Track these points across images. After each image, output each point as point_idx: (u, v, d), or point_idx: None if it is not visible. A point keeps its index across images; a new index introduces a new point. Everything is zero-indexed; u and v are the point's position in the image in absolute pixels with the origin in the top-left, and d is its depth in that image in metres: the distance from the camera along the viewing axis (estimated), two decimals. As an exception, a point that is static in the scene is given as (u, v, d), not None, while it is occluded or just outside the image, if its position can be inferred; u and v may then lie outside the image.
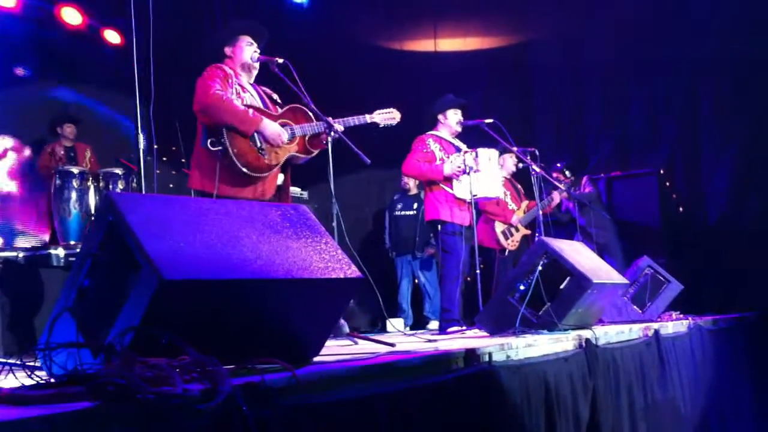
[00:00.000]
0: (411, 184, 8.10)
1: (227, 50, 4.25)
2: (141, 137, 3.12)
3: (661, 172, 9.09)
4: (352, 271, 2.42)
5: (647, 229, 8.13)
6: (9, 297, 5.18)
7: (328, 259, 2.40)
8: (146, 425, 1.59)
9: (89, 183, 5.87)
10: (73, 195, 5.78)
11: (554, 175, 6.01)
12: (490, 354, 2.94)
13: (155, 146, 7.69)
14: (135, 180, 6.38)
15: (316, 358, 2.47)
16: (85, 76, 7.00)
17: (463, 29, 9.89)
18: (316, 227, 2.53)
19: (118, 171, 5.87)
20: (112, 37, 7.02)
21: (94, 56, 7.00)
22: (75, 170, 5.99)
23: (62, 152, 6.52)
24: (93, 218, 5.39)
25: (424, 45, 9.95)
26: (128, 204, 2.08)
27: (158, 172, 7.34)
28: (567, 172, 6.81)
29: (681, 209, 8.85)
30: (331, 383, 2.14)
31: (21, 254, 5.35)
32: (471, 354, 2.85)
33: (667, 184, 9.24)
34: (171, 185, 7.36)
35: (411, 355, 2.72)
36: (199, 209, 2.25)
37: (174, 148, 7.40)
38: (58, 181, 5.92)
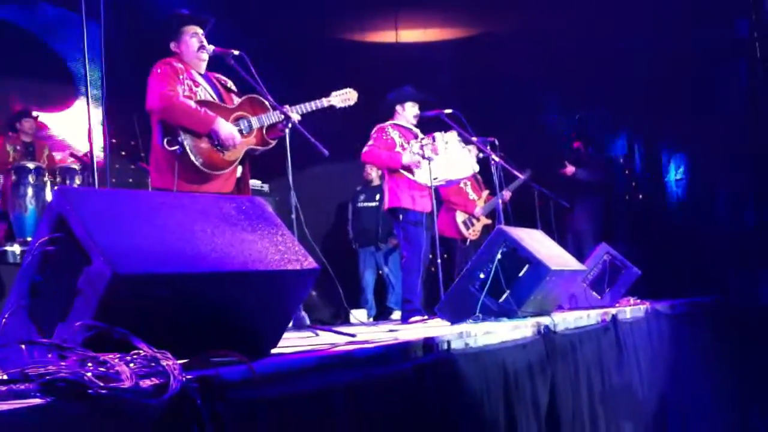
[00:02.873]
0: (374, 175, 8.11)
1: (173, 46, 4.20)
2: (93, 133, 3.09)
3: (621, 160, 9.22)
4: (309, 263, 2.41)
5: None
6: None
7: (284, 251, 2.39)
8: (98, 421, 1.58)
9: (45, 179, 5.81)
10: (29, 191, 5.72)
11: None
12: (448, 342, 2.96)
13: (113, 140, 7.62)
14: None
15: (275, 350, 2.47)
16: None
17: (425, 20, 9.90)
18: (272, 219, 2.52)
19: (75, 166, 5.81)
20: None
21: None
22: (31, 166, 5.92)
23: (19, 147, 6.42)
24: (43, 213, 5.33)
25: (386, 36, 9.95)
26: (79, 198, 2.06)
27: (117, 167, 7.29)
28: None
29: (641, 196, 8.97)
30: (288, 375, 2.14)
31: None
32: (429, 343, 2.87)
33: (626, 171, 9.36)
34: (130, 180, 7.30)
35: (369, 345, 2.73)
36: (152, 203, 2.23)
37: (133, 143, 7.32)
38: (14, 177, 5.85)
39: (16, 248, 5.43)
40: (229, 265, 2.17)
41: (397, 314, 7.20)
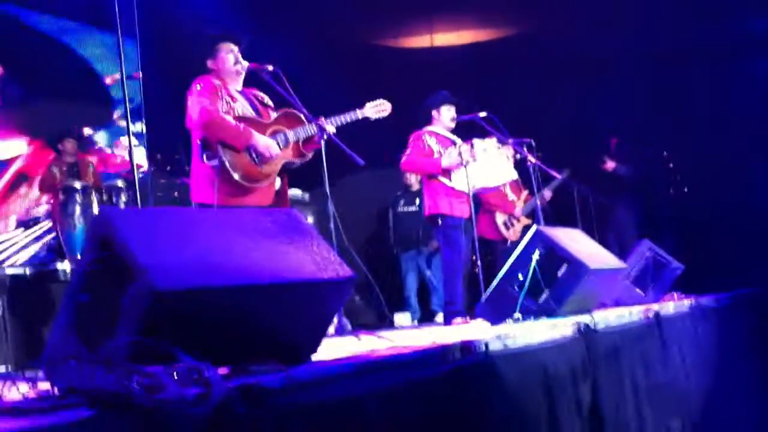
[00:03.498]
0: (413, 180, 8.16)
1: (209, 63, 4.31)
2: (135, 151, 3.19)
3: (665, 153, 9.15)
4: (345, 271, 2.47)
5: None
6: (17, 312, 5.26)
7: (320, 261, 2.45)
8: (144, 431, 1.66)
9: (92, 197, 5.96)
10: (77, 209, 5.86)
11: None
12: (486, 344, 2.99)
13: (157, 156, 7.78)
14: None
15: (314, 358, 2.54)
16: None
17: (458, 23, 9.94)
18: (307, 230, 2.59)
19: (121, 184, 5.96)
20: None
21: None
22: (78, 185, 6.08)
23: (65, 168, 6.60)
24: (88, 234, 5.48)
25: (420, 41, 10.01)
26: (120, 218, 2.15)
27: (162, 181, 7.45)
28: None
29: (685, 190, 8.90)
30: (325, 381, 2.20)
31: (28, 269, 5.44)
32: (467, 345, 2.90)
33: (669, 165, 9.29)
34: (176, 194, 7.45)
35: (406, 349, 2.78)
36: (191, 220, 2.32)
37: (177, 156, 7.49)
38: (62, 197, 6.03)
39: (67, 266, 5.59)
40: (267, 277, 2.24)
41: (440, 317, 7.23)
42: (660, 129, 8.78)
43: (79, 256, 5.56)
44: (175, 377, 1.91)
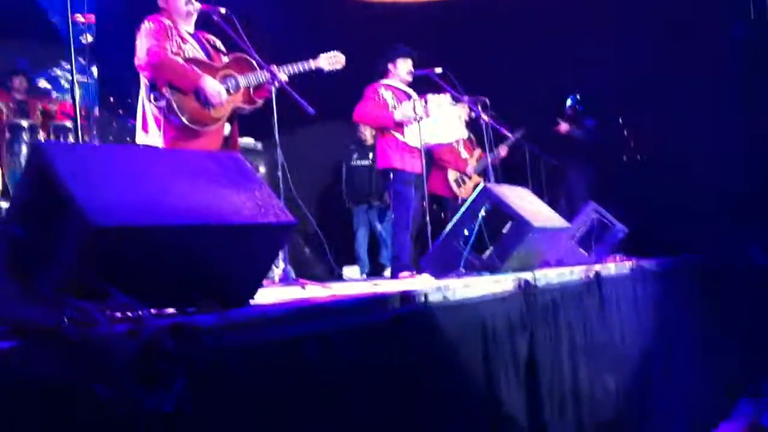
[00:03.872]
0: (367, 134, 8.14)
1: (161, 2, 4.23)
2: (76, 89, 3.13)
3: (620, 120, 9.23)
4: (285, 217, 2.48)
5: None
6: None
7: (261, 205, 2.45)
8: (70, 363, 1.66)
9: (39, 136, 5.87)
10: (24, 149, 5.78)
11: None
12: (426, 295, 3.02)
13: (110, 98, 7.62)
14: (87, 133, 6.38)
15: (252, 302, 2.55)
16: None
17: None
18: (249, 174, 2.58)
19: (69, 124, 5.86)
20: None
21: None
22: (25, 123, 6.01)
23: (12, 105, 6.46)
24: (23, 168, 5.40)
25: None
26: (58, 152, 2.12)
27: (114, 125, 7.32)
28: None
29: (639, 157, 9.01)
30: (262, 324, 2.21)
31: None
32: (407, 295, 2.94)
33: (625, 132, 9.37)
34: (128, 139, 7.33)
35: (346, 296, 2.80)
36: (131, 158, 2.29)
37: (129, 100, 7.35)
38: (8, 135, 5.94)
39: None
40: (205, 218, 2.23)
41: (389, 271, 7.29)
42: (619, 94, 8.82)
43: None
44: (107, 313, 1.91)
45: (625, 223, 6.14)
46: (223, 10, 4.13)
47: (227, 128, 4.27)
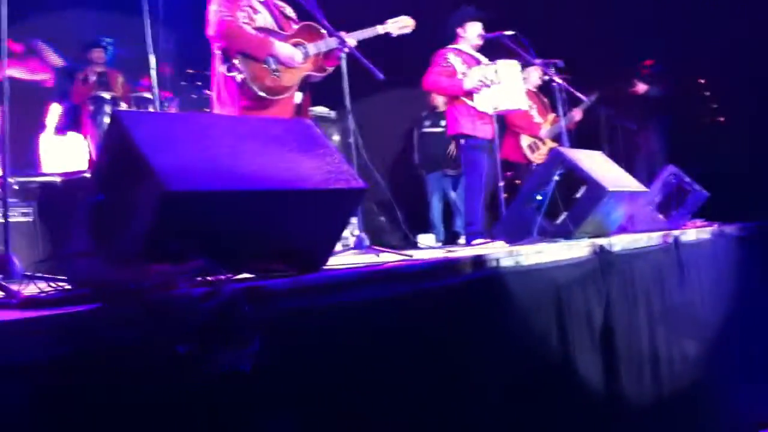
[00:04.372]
0: (439, 101, 8.06)
1: None
2: (152, 58, 3.19)
3: (701, 81, 8.91)
4: (356, 182, 2.49)
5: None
6: (48, 219, 5.38)
7: (332, 171, 2.47)
8: (150, 323, 1.72)
9: (121, 107, 6.03)
10: (106, 120, 5.94)
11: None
12: (497, 260, 3.02)
13: (188, 70, 7.74)
14: (168, 104, 6.52)
15: (326, 267, 2.58)
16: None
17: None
18: (320, 140, 2.60)
19: (149, 95, 5.98)
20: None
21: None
22: (107, 96, 6.17)
23: (94, 78, 6.62)
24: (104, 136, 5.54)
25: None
26: (133, 121, 2.18)
27: (194, 96, 7.45)
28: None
29: (722, 119, 8.72)
30: (336, 288, 2.25)
31: (58, 178, 5.54)
32: (479, 260, 2.94)
33: (705, 92, 9.06)
34: (206, 109, 7.44)
35: (418, 261, 2.81)
36: (203, 124, 2.34)
37: (207, 72, 7.45)
38: (91, 107, 6.11)
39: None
40: (277, 184, 2.26)
41: (464, 239, 7.27)
42: (700, 55, 8.53)
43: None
44: (185, 276, 1.97)
45: (707, 187, 5.96)
46: (294, -23, 4.15)
47: (298, 96, 4.30)
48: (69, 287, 2.07)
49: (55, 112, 6.43)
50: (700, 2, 8.02)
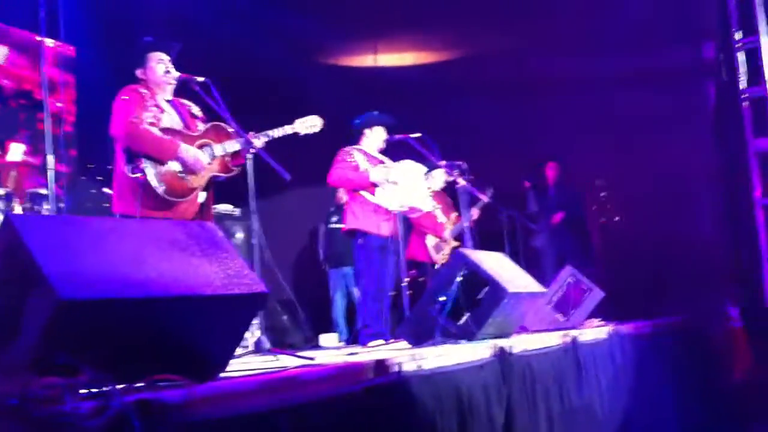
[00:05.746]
0: (345, 197, 8.15)
1: (139, 72, 4.26)
2: (50, 158, 3.13)
3: (597, 182, 9.30)
4: (257, 286, 2.48)
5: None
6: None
7: (233, 275, 2.45)
8: (33, 442, 1.63)
9: (14, 204, 5.83)
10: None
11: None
12: (400, 364, 3.01)
13: (88, 165, 7.60)
14: (63, 204, 6.34)
15: (224, 374, 2.52)
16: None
17: (404, 44, 10.02)
18: (222, 244, 2.58)
19: (44, 191, 5.82)
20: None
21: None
22: (0, 192, 5.96)
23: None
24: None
25: (364, 60, 10.05)
26: (26, 225, 2.12)
27: (93, 191, 7.28)
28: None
29: (616, 219, 9.06)
30: (231, 398, 2.18)
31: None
32: (380, 365, 2.92)
33: (602, 195, 9.45)
34: (106, 204, 7.29)
35: (318, 367, 2.78)
36: (101, 229, 2.29)
37: (109, 167, 7.33)
38: (-19, 204, 5.89)
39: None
40: (175, 289, 2.22)
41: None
42: (598, 154, 8.91)
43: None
44: (74, 389, 1.89)
45: (601, 286, 6.16)
46: (201, 79, 4.17)
47: (202, 196, 4.27)
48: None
49: None
50: (593, 105, 8.43)
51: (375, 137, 5.83)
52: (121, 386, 2.01)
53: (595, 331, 5.14)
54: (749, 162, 7.23)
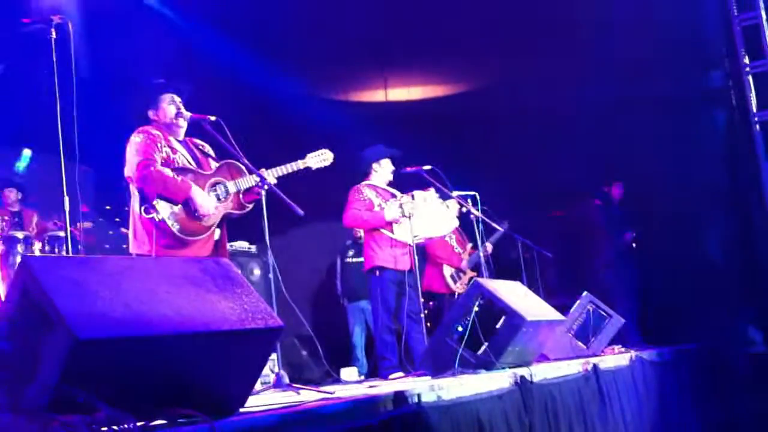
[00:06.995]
0: (361, 232, 8.16)
1: (151, 114, 4.31)
2: (66, 200, 3.17)
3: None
4: (273, 321, 2.48)
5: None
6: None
7: (249, 310, 2.46)
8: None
9: (34, 247, 5.92)
10: (18, 260, 5.80)
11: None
12: (419, 395, 3.00)
13: (107, 207, 7.68)
14: (81, 243, 6.40)
15: (243, 409, 2.52)
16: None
17: (413, 79, 10.10)
18: (237, 279, 2.59)
19: (63, 234, 5.89)
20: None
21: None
22: (20, 235, 6.06)
23: (7, 218, 6.52)
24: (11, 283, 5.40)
25: (375, 95, 10.13)
26: (42, 266, 2.14)
27: (111, 233, 7.34)
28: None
29: (634, 245, 9.01)
30: (251, 432, 2.19)
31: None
32: (399, 396, 2.91)
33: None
34: (125, 245, 7.33)
35: (338, 400, 2.77)
36: (116, 268, 2.31)
37: (126, 208, 7.39)
38: (2, 247, 5.98)
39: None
40: (191, 326, 2.23)
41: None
42: (611, 182, 8.88)
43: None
44: (93, 428, 1.89)
45: (620, 312, 6.11)
46: (212, 118, 4.21)
47: (217, 233, 4.29)
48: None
49: None
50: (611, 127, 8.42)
51: (383, 171, 5.85)
52: (140, 423, 2.01)
53: (616, 358, 5.10)
54: (762, 183, 7.22)
